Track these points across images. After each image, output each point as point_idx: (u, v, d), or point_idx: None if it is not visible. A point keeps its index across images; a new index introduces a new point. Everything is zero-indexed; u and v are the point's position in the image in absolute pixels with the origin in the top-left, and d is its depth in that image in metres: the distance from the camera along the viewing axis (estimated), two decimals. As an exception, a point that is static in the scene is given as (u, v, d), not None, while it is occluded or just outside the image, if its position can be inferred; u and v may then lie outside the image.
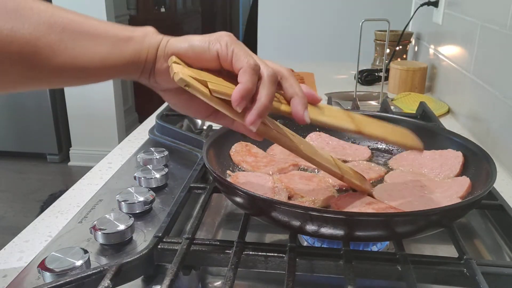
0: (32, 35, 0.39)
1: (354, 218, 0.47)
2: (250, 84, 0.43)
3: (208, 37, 0.45)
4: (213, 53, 0.44)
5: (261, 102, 0.43)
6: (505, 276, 0.47)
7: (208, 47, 0.44)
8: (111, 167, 0.82)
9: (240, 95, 0.42)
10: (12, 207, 2.55)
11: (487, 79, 0.96)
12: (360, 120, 0.53)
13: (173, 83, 0.43)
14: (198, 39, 0.45)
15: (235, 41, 0.45)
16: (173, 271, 0.45)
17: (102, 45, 0.43)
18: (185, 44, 0.45)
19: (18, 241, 0.59)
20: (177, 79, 0.42)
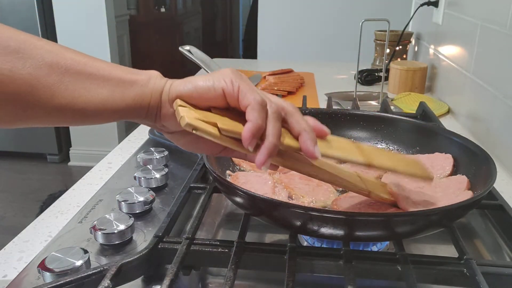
0: (31, 75, 0.39)
1: (354, 218, 0.47)
2: (260, 121, 0.42)
3: (212, 76, 0.44)
4: (218, 91, 0.43)
5: (269, 141, 0.43)
6: (505, 276, 0.47)
7: (213, 86, 0.43)
8: (111, 167, 0.82)
9: (251, 133, 0.42)
10: (12, 207, 2.55)
11: (487, 79, 0.96)
12: (369, 152, 0.52)
13: (181, 127, 0.43)
14: (202, 79, 0.44)
15: (240, 76, 0.44)
16: (173, 271, 0.45)
17: (104, 87, 0.42)
18: (189, 85, 0.44)
19: (18, 241, 0.59)
20: (183, 124, 0.41)
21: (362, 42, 1.15)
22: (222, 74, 0.44)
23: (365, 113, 0.78)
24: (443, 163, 0.66)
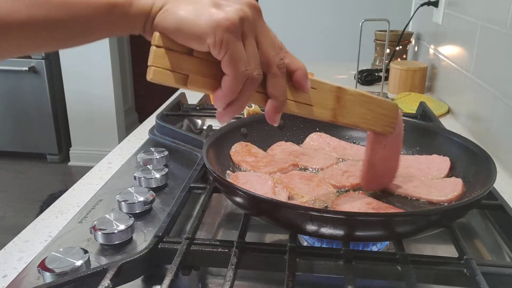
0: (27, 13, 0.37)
1: (354, 218, 0.47)
2: (232, 93, 0.41)
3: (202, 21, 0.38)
4: (203, 46, 0.39)
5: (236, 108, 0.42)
6: (505, 276, 0.47)
7: (199, 38, 0.39)
8: (111, 167, 0.82)
9: (220, 101, 0.42)
10: (12, 207, 2.55)
11: (487, 79, 0.96)
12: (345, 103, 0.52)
13: None
14: (190, 22, 0.39)
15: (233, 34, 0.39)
16: (173, 271, 0.45)
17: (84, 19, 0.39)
18: (174, 23, 0.39)
19: (18, 241, 0.59)
20: (148, 78, 0.40)
21: (362, 42, 1.15)
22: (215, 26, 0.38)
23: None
24: (440, 165, 0.66)
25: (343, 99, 0.52)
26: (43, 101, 2.90)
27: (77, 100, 2.94)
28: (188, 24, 0.39)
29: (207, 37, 0.38)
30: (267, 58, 0.43)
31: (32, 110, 2.93)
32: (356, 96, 0.53)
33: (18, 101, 2.91)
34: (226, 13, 0.39)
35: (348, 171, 0.67)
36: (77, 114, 2.98)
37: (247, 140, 0.73)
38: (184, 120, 1.00)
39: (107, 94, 2.93)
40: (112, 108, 2.97)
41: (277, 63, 0.43)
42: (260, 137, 0.74)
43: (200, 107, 1.02)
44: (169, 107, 0.99)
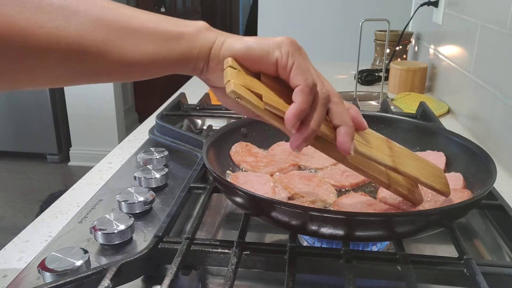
0: (78, 33, 0.38)
1: (354, 218, 0.47)
2: (306, 104, 0.41)
3: (268, 42, 0.43)
4: (272, 60, 0.42)
5: (310, 128, 0.42)
6: (505, 276, 0.47)
7: (267, 54, 0.42)
8: (111, 167, 0.82)
9: (295, 115, 0.41)
10: (12, 207, 2.55)
11: (487, 79, 0.96)
12: (398, 154, 0.52)
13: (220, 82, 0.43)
14: (257, 43, 0.43)
15: (297, 50, 0.43)
16: (173, 271, 0.45)
17: (151, 43, 0.41)
18: (244, 46, 0.43)
19: (18, 241, 0.59)
20: (228, 91, 0.40)
21: (362, 42, 1.15)
22: (280, 43, 0.42)
23: (365, 113, 0.78)
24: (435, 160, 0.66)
25: (394, 149, 0.52)
26: (43, 101, 2.90)
27: (77, 100, 2.94)
28: (255, 45, 0.42)
29: (274, 51, 0.42)
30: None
31: (32, 110, 2.93)
32: (404, 150, 0.53)
33: (18, 101, 2.91)
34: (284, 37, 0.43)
35: (347, 171, 0.67)
36: (77, 114, 2.98)
37: (247, 140, 0.73)
38: (184, 120, 1.00)
39: (107, 94, 2.93)
40: (112, 108, 2.97)
41: (334, 93, 0.45)
42: (260, 137, 0.74)
43: (200, 107, 1.02)
44: (169, 107, 0.99)
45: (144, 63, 0.41)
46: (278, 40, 0.43)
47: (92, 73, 0.41)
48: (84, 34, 0.38)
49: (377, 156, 0.49)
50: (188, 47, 0.43)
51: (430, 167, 0.55)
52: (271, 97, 0.42)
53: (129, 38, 0.40)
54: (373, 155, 0.48)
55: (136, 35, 0.41)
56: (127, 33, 0.40)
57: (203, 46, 0.43)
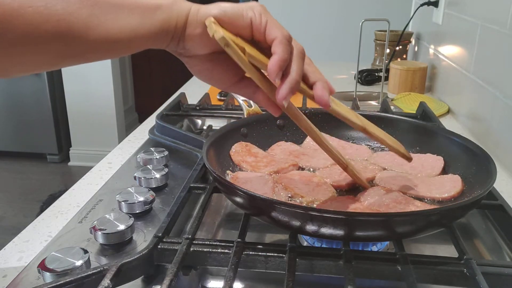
0: (65, 10, 0.39)
1: (354, 218, 0.47)
2: (287, 54, 0.43)
3: (241, 5, 0.45)
4: (246, 20, 0.44)
5: (292, 76, 0.44)
6: (505, 276, 0.47)
7: (242, 14, 0.44)
8: (111, 167, 0.82)
9: (278, 65, 0.43)
10: (12, 207, 2.55)
11: (487, 79, 0.96)
12: (366, 121, 0.56)
13: (201, 49, 0.45)
14: (231, 7, 0.45)
15: (267, 12, 0.45)
16: (173, 271, 0.45)
17: (132, 16, 0.43)
18: (218, 9, 0.45)
19: (18, 241, 0.59)
20: (218, 37, 0.42)
21: (362, 42, 1.15)
22: (252, 6, 0.45)
23: (365, 113, 0.78)
24: (434, 163, 0.67)
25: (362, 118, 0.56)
26: (43, 101, 2.90)
27: (77, 100, 2.94)
28: (230, 8, 0.45)
29: (248, 12, 0.44)
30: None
31: (32, 110, 2.93)
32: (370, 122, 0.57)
33: (18, 101, 2.92)
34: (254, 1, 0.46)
35: (348, 171, 0.67)
36: (77, 114, 2.98)
37: (247, 140, 0.73)
38: (184, 120, 1.00)
39: (107, 94, 2.93)
40: (112, 108, 2.97)
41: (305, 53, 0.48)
42: (260, 137, 0.74)
43: (200, 107, 1.02)
44: (169, 107, 0.99)
45: (127, 37, 0.42)
46: (250, 3, 0.45)
47: (79, 52, 0.42)
48: (71, 11, 0.39)
49: (348, 115, 0.53)
50: (166, 17, 0.44)
51: (392, 138, 0.60)
52: (253, 50, 0.45)
53: (112, 13, 0.42)
54: (347, 113, 0.52)
55: (118, 10, 0.42)
56: (110, 8, 0.42)
57: (179, 14, 0.45)
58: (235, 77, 0.49)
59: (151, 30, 0.44)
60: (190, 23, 0.45)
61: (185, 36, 0.46)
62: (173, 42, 0.46)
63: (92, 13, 0.40)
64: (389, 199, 0.58)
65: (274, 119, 0.77)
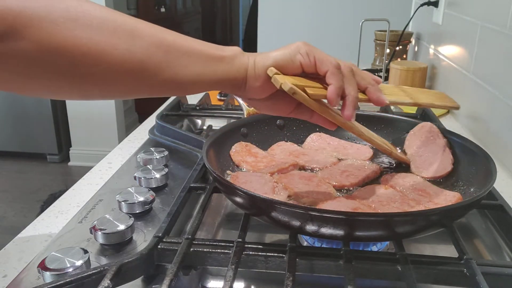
0: (143, 54, 0.45)
1: (354, 218, 0.47)
2: (340, 82, 0.49)
3: (288, 51, 0.50)
4: (296, 64, 0.50)
5: (352, 95, 0.50)
6: (505, 276, 0.47)
7: (291, 60, 0.50)
8: (111, 167, 0.82)
9: (336, 94, 0.49)
10: (12, 207, 2.55)
11: (487, 79, 0.96)
12: (412, 92, 0.61)
13: (261, 95, 0.52)
14: (280, 54, 0.50)
15: (312, 47, 0.51)
16: (173, 271, 0.45)
17: (198, 63, 0.48)
18: (272, 60, 0.50)
19: (18, 241, 0.59)
20: (287, 89, 0.48)
21: (362, 42, 1.15)
22: (296, 48, 0.50)
23: (365, 113, 0.78)
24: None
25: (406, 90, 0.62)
26: (43, 101, 2.90)
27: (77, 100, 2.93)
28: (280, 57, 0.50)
29: (296, 56, 0.50)
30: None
31: (32, 110, 2.93)
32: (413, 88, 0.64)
33: (18, 101, 2.91)
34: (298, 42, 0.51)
35: (347, 171, 0.67)
36: (77, 114, 2.98)
37: (247, 140, 0.73)
38: (184, 120, 1.00)
39: (107, 94, 2.92)
40: (112, 108, 2.96)
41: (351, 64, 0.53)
42: (260, 137, 0.74)
43: (200, 107, 1.02)
44: (169, 107, 0.99)
45: (191, 81, 0.48)
46: (294, 46, 0.51)
47: (148, 89, 0.48)
48: (148, 55, 0.45)
49: (402, 99, 0.58)
50: (227, 69, 0.50)
51: (435, 93, 0.66)
52: (312, 87, 0.50)
53: (181, 59, 0.47)
54: (399, 99, 0.58)
55: (187, 57, 0.47)
56: (180, 55, 0.47)
57: (239, 69, 0.50)
58: (292, 106, 0.54)
59: (212, 78, 0.49)
60: (250, 77, 0.50)
61: (247, 88, 0.51)
62: (235, 90, 0.52)
63: (165, 58, 0.46)
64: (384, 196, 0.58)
65: (274, 119, 0.77)
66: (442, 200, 0.58)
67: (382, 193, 0.60)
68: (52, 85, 0.44)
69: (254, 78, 0.50)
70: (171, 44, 0.47)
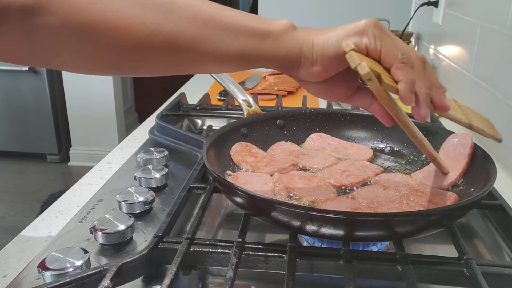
0: (173, 29, 0.42)
1: (354, 218, 0.47)
2: (411, 77, 0.44)
3: (354, 29, 0.44)
4: (362, 47, 0.44)
5: (423, 93, 0.45)
6: (505, 276, 0.47)
7: (357, 44, 0.44)
8: (111, 167, 0.82)
9: (410, 90, 0.44)
10: (12, 207, 2.55)
11: (487, 79, 0.96)
12: (465, 110, 0.57)
13: (317, 79, 0.46)
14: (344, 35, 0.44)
15: (382, 31, 0.45)
16: (173, 271, 0.45)
17: (238, 39, 0.44)
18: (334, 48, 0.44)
19: (18, 241, 0.59)
20: (364, 72, 0.42)
21: (362, 42, 1.15)
22: (365, 28, 0.44)
23: (365, 113, 0.78)
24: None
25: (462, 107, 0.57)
26: (43, 101, 2.90)
27: (77, 100, 2.94)
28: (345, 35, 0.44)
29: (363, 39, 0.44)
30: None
31: (32, 110, 2.93)
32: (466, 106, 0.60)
33: (18, 101, 2.91)
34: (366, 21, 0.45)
35: (347, 171, 0.67)
36: (77, 114, 2.98)
37: (247, 140, 0.73)
38: (184, 120, 1.00)
39: (107, 94, 2.93)
40: (112, 108, 2.97)
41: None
42: (260, 137, 0.74)
43: (200, 107, 1.02)
44: (169, 107, 0.99)
45: (233, 56, 0.44)
46: (363, 26, 0.44)
47: (186, 64, 0.45)
48: (179, 29, 0.42)
49: (459, 116, 0.53)
50: (275, 46, 0.45)
51: (485, 119, 0.61)
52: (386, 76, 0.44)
53: (220, 34, 0.43)
54: (456, 115, 0.53)
55: (226, 32, 0.44)
56: (218, 29, 0.43)
57: (291, 47, 0.45)
58: (349, 92, 0.50)
59: (256, 55, 0.45)
60: (304, 60, 0.45)
61: (299, 70, 0.46)
62: (286, 71, 0.47)
63: (199, 33, 0.43)
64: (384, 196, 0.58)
65: (274, 119, 0.77)
66: (440, 200, 0.58)
67: (382, 193, 0.60)
68: (82, 61, 0.43)
69: (310, 62, 0.45)
70: (208, 17, 0.43)
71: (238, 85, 0.88)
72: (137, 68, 0.45)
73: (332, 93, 0.50)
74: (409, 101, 0.44)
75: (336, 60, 0.45)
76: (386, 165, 0.71)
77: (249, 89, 1.31)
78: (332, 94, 0.50)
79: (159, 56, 0.43)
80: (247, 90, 1.27)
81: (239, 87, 0.87)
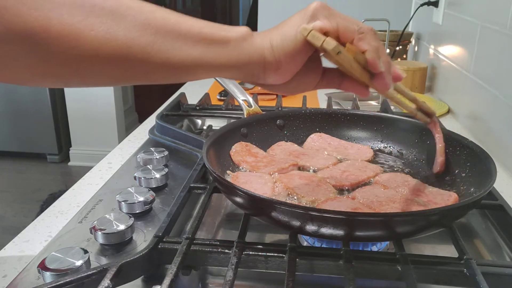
0: (126, 37, 0.39)
1: (354, 218, 0.47)
2: (375, 43, 0.44)
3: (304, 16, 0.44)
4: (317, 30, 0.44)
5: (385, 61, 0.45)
6: (505, 276, 0.47)
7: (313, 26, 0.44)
8: (111, 167, 0.82)
9: (378, 57, 0.44)
10: (12, 207, 2.55)
11: (487, 79, 0.96)
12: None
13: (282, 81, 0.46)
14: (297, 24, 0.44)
15: (330, 10, 0.45)
16: (173, 271, 0.45)
17: (195, 48, 0.42)
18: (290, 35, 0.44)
19: (18, 241, 0.59)
20: (331, 47, 0.42)
21: (362, 42, 1.14)
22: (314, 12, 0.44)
23: (365, 113, 0.78)
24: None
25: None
26: (43, 101, 2.90)
27: (77, 100, 2.94)
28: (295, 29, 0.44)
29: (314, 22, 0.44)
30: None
31: (32, 110, 2.93)
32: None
33: (18, 101, 2.91)
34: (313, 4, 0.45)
35: (347, 171, 0.67)
36: (77, 114, 2.98)
37: (247, 140, 0.73)
38: (184, 120, 1.00)
39: (107, 94, 2.93)
40: (112, 108, 2.97)
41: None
42: (260, 137, 0.74)
43: (200, 107, 1.02)
44: (169, 107, 0.99)
45: (189, 65, 0.43)
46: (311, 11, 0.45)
47: (139, 74, 0.43)
48: (131, 38, 0.40)
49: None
50: (236, 54, 0.44)
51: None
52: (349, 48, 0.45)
53: (175, 42, 0.42)
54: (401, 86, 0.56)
55: (181, 40, 0.42)
56: (173, 37, 0.41)
57: (252, 53, 0.44)
58: (317, 78, 0.49)
59: (214, 64, 0.43)
60: (269, 65, 0.45)
61: (265, 76, 0.46)
62: (250, 79, 0.47)
63: (153, 41, 0.40)
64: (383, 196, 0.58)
65: (274, 119, 0.77)
66: (439, 200, 0.58)
67: (382, 193, 0.60)
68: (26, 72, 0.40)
69: (275, 65, 0.45)
70: (161, 25, 0.41)
71: (238, 85, 0.88)
72: (86, 80, 0.43)
73: (302, 86, 0.49)
74: (379, 67, 0.44)
75: (298, 52, 0.45)
76: (386, 165, 0.71)
77: (249, 89, 1.31)
78: (302, 86, 0.49)
79: (108, 67, 0.41)
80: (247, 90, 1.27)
81: (239, 87, 0.87)
